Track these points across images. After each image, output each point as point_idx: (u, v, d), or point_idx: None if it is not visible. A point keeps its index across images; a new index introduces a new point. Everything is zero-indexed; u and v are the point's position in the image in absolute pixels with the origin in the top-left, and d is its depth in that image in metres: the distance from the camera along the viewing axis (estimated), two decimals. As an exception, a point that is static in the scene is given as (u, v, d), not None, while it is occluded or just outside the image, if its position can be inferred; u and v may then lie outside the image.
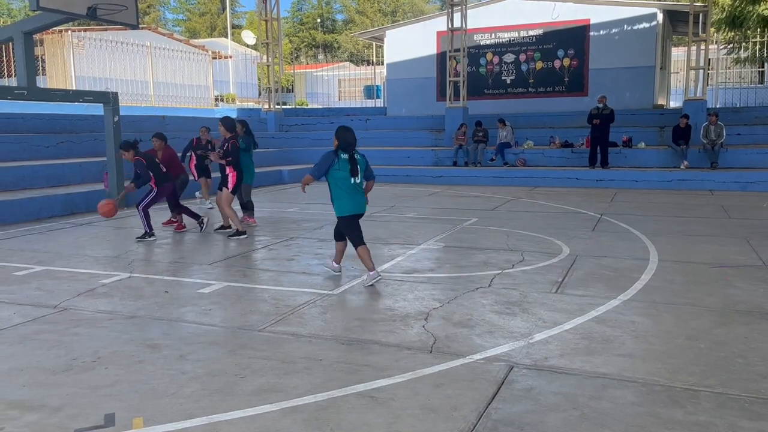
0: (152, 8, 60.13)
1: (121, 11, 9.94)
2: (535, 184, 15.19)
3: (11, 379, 3.83)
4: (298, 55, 55.79)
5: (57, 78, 19.10)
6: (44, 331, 4.75)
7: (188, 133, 17.24)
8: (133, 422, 3.26)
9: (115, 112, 11.34)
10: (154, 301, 5.49)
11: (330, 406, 3.43)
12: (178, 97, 21.34)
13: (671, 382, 3.70)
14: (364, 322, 4.88)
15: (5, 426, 3.23)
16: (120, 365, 4.03)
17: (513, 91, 20.07)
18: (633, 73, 18.64)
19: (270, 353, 4.22)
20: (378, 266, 6.76)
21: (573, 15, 19.08)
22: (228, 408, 3.41)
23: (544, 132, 17.95)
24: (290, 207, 11.72)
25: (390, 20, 55.88)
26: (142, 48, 20.13)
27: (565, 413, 3.32)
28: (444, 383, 3.71)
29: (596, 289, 5.74)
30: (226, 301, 5.48)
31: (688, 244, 7.81)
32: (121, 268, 6.76)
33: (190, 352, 4.26)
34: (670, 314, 5.02)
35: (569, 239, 8.15)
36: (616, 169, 15.23)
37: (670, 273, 6.37)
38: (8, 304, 5.47)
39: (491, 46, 20.18)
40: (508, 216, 10.34)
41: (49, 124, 14.00)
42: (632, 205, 11.40)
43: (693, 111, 15.98)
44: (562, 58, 19.40)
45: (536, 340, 4.41)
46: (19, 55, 9.99)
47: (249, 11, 60.45)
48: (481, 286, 5.88)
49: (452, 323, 4.81)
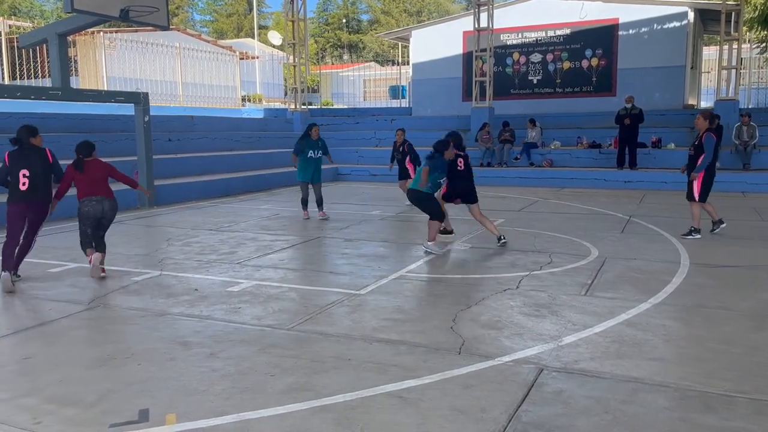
0: (181, 9, 60.87)
1: (153, 13, 10.08)
2: (562, 185, 15.05)
3: (48, 374, 3.92)
4: (324, 55, 56.02)
5: (89, 78, 19.45)
6: (79, 327, 4.85)
7: (216, 132, 17.49)
8: (166, 418, 3.31)
9: (145, 112, 11.52)
10: (185, 299, 5.57)
11: (359, 405, 3.45)
12: (206, 98, 21.58)
13: (705, 387, 3.64)
14: (392, 322, 4.89)
15: (43, 420, 3.31)
16: (152, 362, 4.10)
17: (540, 91, 19.91)
18: (663, 72, 18.35)
19: (299, 352, 4.26)
20: (405, 267, 6.78)
21: (601, 14, 18.86)
22: (258, 406, 3.45)
23: (571, 132, 17.78)
24: (316, 207, 11.77)
25: (415, 20, 55.81)
26: (171, 49, 20.41)
27: (597, 417, 3.29)
28: (473, 385, 3.71)
29: (626, 292, 5.68)
30: (255, 300, 5.53)
31: (720, 247, 7.67)
32: (151, 266, 6.87)
33: (221, 350, 4.31)
34: (702, 318, 4.94)
35: (598, 241, 8.06)
36: (645, 171, 15.02)
37: (702, 276, 6.27)
38: (44, 300, 5.60)
39: (518, 45, 20.04)
40: (535, 217, 10.27)
41: (82, 124, 14.26)
42: (662, 207, 11.23)
43: (725, 111, 15.67)
44: (590, 57, 19.20)
45: (566, 343, 4.38)
46: (53, 56, 10.19)
47: (275, 12, 60.91)
48: (509, 288, 5.85)
49: (480, 325, 4.80)
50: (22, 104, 13.55)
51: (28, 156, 6.20)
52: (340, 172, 17.55)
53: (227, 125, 19.12)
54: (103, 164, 6.59)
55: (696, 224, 8.23)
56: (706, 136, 8.01)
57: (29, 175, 6.11)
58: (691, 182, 8.16)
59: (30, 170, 6.12)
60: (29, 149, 6.26)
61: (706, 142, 8.00)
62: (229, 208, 11.79)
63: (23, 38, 11.04)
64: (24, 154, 6.20)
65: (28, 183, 6.11)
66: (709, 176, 8.16)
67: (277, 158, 16.99)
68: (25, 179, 6.10)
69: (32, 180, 6.12)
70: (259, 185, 14.86)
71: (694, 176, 8.08)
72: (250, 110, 22.87)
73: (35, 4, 48.75)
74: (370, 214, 10.74)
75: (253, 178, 14.92)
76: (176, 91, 20.54)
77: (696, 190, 8.16)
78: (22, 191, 6.12)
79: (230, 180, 14.22)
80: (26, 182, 6.10)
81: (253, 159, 16.61)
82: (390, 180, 16.69)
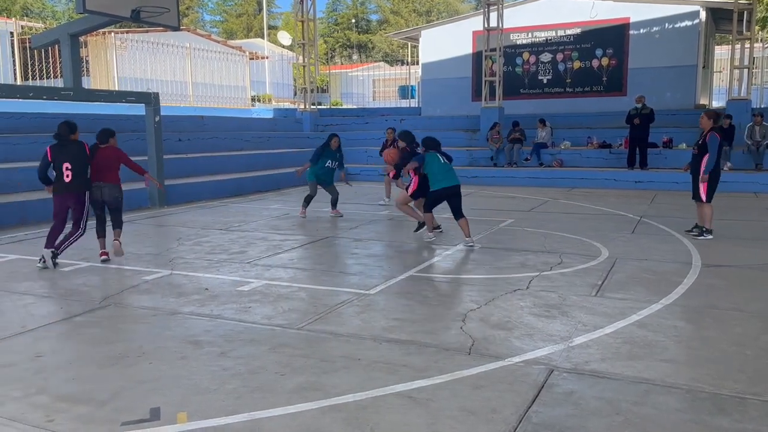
0: (191, 10, 61.13)
1: (163, 13, 10.13)
2: (572, 185, 15.00)
3: (60, 372, 3.95)
4: (333, 55, 56.07)
5: (100, 79, 19.57)
6: (91, 325, 4.89)
7: (226, 132, 17.56)
8: (177, 417, 3.33)
9: (156, 112, 11.58)
10: (195, 298, 5.59)
11: (369, 405, 3.45)
12: (215, 98, 21.66)
13: (717, 389, 3.62)
14: (401, 322, 4.89)
15: (55, 418, 3.34)
16: (163, 360, 4.12)
17: (549, 90, 19.84)
18: (674, 72, 18.24)
19: (309, 351, 4.27)
20: (414, 267, 6.79)
21: (612, 13, 18.76)
22: (269, 405, 3.46)
23: (581, 132, 17.70)
24: (326, 206, 11.79)
25: (424, 20, 55.75)
26: (181, 49, 20.50)
27: (608, 418, 3.27)
28: (483, 385, 3.70)
29: (637, 293, 5.65)
30: (265, 299, 5.55)
31: (732, 248, 7.62)
32: (162, 266, 6.91)
33: (231, 349, 4.33)
34: (714, 319, 4.90)
35: (608, 241, 8.02)
36: (656, 171, 14.94)
37: (714, 277, 6.23)
38: (56, 298, 5.65)
39: (528, 45, 19.98)
40: (545, 217, 10.23)
41: (93, 124, 14.25)
42: (673, 208, 11.17)
43: (737, 111, 15.56)
44: (601, 57, 19.11)
45: (576, 344, 4.36)
46: (65, 57, 10.27)
47: (285, 12, 61.06)
48: (519, 288, 5.83)
49: (490, 325, 4.79)
50: (35, 104, 13.66)
51: (69, 150, 6.83)
52: (349, 171, 17.55)
53: (237, 125, 19.18)
54: (112, 151, 7.22)
55: (708, 225, 8.18)
56: (710, 136, 7.96)
57: (71, 168, 6.77)
58: (698, 183, 8.12)
59: (72, 163, 6.77)
60: (70, 144, 6.89)
61: (710, 141, 7.94)
62: (239, 207, 11.83)
63: (35, 39, 11.13)
64: (65, 149, 6.83)
65: (71, 175, 6.77)
66: (714, 176, 8.11)
67: (286, 158, 17.03)
68: (68, 172, 6.77)
69: (74, 172, 6.79)
70: (268, 185, 14.90)
71: (704, 179, 8.03)
72: (260, 110, 22.93)
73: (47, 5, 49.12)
74: (379, 214, 10.74)
75: (263, 178, 14.96)
76: (186, 91, 20.62)
77: (703, 191, 8.11)
78: (66, 183, 6.79)
79: (240, 180, 14.28)
80: (69, 174, 6.77)
81: (262, 159, 16.66)
82: (399, 180, 16.71)
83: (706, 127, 8.08)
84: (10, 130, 12.58)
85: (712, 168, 8.00)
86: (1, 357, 4.22)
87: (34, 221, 9.79)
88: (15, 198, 10.06)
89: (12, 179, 10.82)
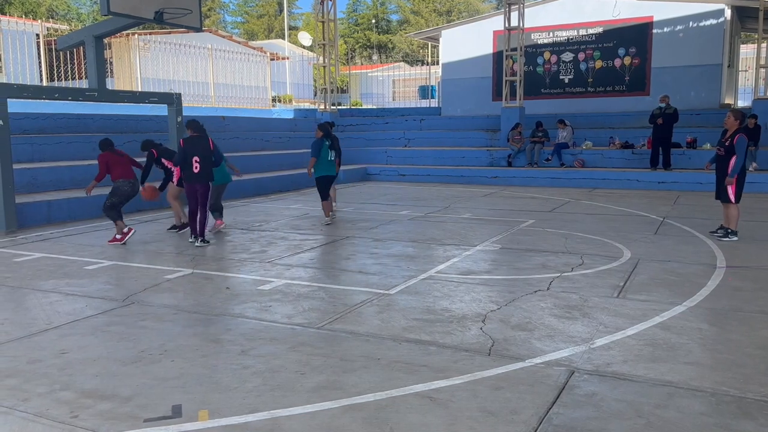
0: (212, 11, 61.67)
1: (186, 15, 10.22)
2: (594, 185, 14.86)
3: (85, 368, 4.01)
4: (353, 55, 56.16)
5: (124, 80, 19.81)
6: (114, 323, 4.95)
7: (247, 132, 17.68)
8: (199, 414, 3.36)
9: (178, 113, 11.69)
10: (216, 297, 5.64)
11: (389, 405, 3.45)
12: (237, 98, 21.81)
13: (741, 392, 3.56)
14: (421, 322, 4.89)
15: (80, 414, 3.39)
16: (185, 358, 4.16)
17: (571, 90, 19.68)
18: (698, 71, 17.98)
19: (329, 351, 4.28)
20: (434, 267, 6.78)
21: (635, 12, 18.55)
22: (289, 404, 3.47)
23: (603, 132, 17.53)
24: (346, 207, 11.83)
25: (445, 20, 55.61)
26: (203, 50, 20.67)
27: (630, 421, 3.24)
28: (503, 386, 3.68)
29: (660, 295, 5.58)
30: (285, 299, 5.58)
31: (758, 250, 7.49)
32: (183, 264, 6.98)
33: (252, 347, 4.36)
34: (739, 322, 4.83)
35: (630, 242, 7.93)
36: (680, 171, 14.74)
37: (739, 279, 6.12)
38: (80, 296, 5.73)
39: (549, 44, 19.84)
40: (566, 218, 10.15)
41: (117, 125, 14.54)
42: (697, 209, 11.01)
43: (763, 111, 15.29)
44: (623, 56, 18.90)
45: (598, 346, 4.32)
46: (90, 58, 10.41)
47: (306, 13, 61.30)
48: (540, 289, 5.79)
49: (510, 326, 4.76)
50: (60, 105, 13.89)
51: (198, 144, 7.85)
52: (369, 172, 17.60)
53: (258, 125, 19.30)
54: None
55: (733, 226, 8.05)
56: (738, 138, 7.80)
57: (200, 160, 7.76)
58: (724, 184, 7.99)
59: (200, 156, 7.77)
60: (198, 138, 7.92)
61: (738, 144, 7.77)
62: (260, 207, 11.92)
63: (60, 41, 11.30)
64: (195, 143, 7.85)
65: (199, 167, 7.77)
66: (741, 177, 7.97)
67: (306, 158, 17.02)
68: (197, 164, 7.77)
69: (202, 163, 7.77)
70: (289, 185, 14.97)
71: (730, 181, 7.89)
72: (281, 110, 23.05)
73: (72, 7, 49.85)
74: (398, 214, 10.74)
75: (283, 178, 15.04)
76: (208, 92, 20.80)
77: (731, 193, 7.98)
78: (195, 173, 7.78)
79: (261, 180, 14.36)
80: (198, 166, 7.76)
81: (283, 159, 16.74)
82: (420, 180, 16.70)
83: (732, 127, 7.94)
84: (37, 131, 12.80)
85: (739, 170, 7.88)
86: (27, 353, 4.29)
87: (59, 220, 9.96)
88: (41, 197, 10.24)
89: (38, 180, 11.02)
